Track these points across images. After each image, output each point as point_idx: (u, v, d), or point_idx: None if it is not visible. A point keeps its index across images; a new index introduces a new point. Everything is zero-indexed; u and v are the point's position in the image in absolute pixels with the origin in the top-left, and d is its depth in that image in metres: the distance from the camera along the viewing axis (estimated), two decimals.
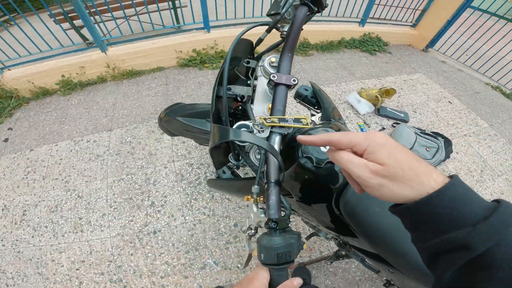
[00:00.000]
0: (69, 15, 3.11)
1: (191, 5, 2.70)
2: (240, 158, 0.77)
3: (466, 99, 2.97)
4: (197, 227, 1.65)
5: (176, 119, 1.12)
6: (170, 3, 3.33)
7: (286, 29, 0.69)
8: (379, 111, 2.51)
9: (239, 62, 0.79)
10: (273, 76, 0.59)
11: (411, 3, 3.54)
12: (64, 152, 1.99)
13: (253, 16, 3.01)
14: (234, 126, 0.64)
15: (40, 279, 1.46)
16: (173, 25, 2.98)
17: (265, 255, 0.45)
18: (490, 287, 0.26)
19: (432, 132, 2.31)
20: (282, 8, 0.63)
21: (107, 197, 1.75)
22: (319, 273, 1.53)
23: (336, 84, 2.86)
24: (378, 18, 3.72)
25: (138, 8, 2.80)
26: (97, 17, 2.91)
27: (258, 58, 0.78)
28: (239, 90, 0.73)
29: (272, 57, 0.67)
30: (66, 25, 3.15)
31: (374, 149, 0.34)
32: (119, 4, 2.69)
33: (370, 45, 3.54)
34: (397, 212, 0.34)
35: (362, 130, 2.33)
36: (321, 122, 0.93)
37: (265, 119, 0.56)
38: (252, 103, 0.74)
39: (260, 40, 0.77)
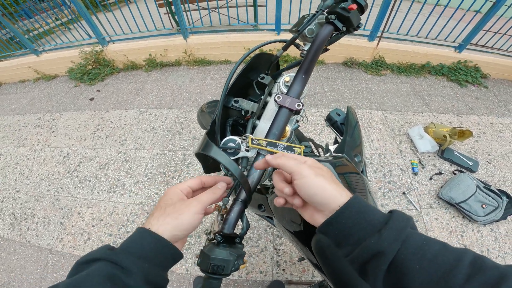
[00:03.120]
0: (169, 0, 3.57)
1: (266, 6, 2.78)
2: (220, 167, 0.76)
3: None
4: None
5: (209, 115, 1.14)
6: (251, 0, 3.47)
7: (307, 48, 0.64)
8: (443, 153, 2.17)
9: (258, 75, 0.75)
10: (278, 97, 0.58)
11: None
12: (129, 119, 2.36)
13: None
14: (222, 141, 0.62)
15: (59, 228, 1.69)
16: (247, 23, 3.10)
17: (201, 260, 0.47)
18: None
19: (498, 189, 1.90)
20: (303, 25, 0.61)
21: (146, 167, 1.98)
22: None
23: (402, 112, 2.56)
24: (483, 46, 3.11)
25: (220, 2, 3.04)
26: (186, 5, 3.27)
27: (278, 74, 0.76)
28: (246, 104, 0.71)
29: (288, 76, 0.64)
30: (163, 10, 3.64)
31: (298, 181, 0.39)
32: None
33: (463, 74, 3.00)
34: (319, 231, 0.39)
35: (413, 169, 2.06)
36: (334, 154, 0.88)
37: (252, 139, 0.56)
38: (259, 119, 0.71)
39: (276, 57, 0.74)
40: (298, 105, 0.57)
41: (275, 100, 0.58)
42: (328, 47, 0.66)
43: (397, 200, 1.89)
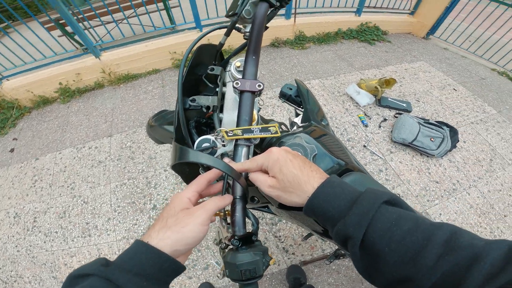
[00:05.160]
0: (60, 22, 3.10)
1: (180, 6, 2.67)
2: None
3: (472, 86, 2.87)
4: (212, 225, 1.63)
5: (161, 127, 1.07)
6: (161, 4, 3.29)
7: (248, 29, 0.63)
8: (380, 102, 2.44)
9: (206, 69, 0.72)
10: (236, 83, 0.56)
11: None
12: (67, 159, 2.02)
13: None
14: (196, 142, 0.58)
15: (55, 282, 1.51)
16: (164, 26, 2.93)
17: (230, 271, 0.45)
18: (387, 270, 0.31)
19: (436, 122, 2.24)
20: (239, 7, 0.59)
21: (111, 202, 1.77)
22: (322, 271, 1.49)
23: (335, 76, 2.79)
24: (374, 7, 3.62)
25: (127, 12, 2.78)
26: (86, 23, 2.90)
27: (226, 63, 0.73)
28: (204, 100, 0.66)
29: (238, 61, 0.63)
30: (57, 33, 3.15)
31: (271, 165, 0.41)
32: (106, 9, 2.67)
33: (368, 34, 3.45)
34: (306, 214, 0.40)
35: (363, 122, 2.27)
36: (301, 124, 0.90)
37: (226, 132, 0.53)
38: (222, 111, 0.69)
39: (221, 45, 0.70)
40: (259, 86, 0.56)
41: (234, 87, 0.56)
42: (267, 25, 0.65)
43: (362, 155, 2.04)
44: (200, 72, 0.73)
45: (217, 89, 0.72)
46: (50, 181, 1.89)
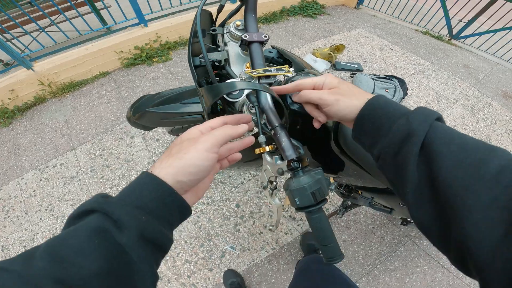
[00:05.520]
0: None
1: (117, 3, 2.47)
2: None
3: (404, 45, 3.27)
4: (202, 218, 1.59)
5: (148, 111, 1.05)
6: (99, 4, 2.99)
7: None
8: (335, 66, 2.64)
9: (204, 34, 0.77)
10: (245, 36, 0.61)
11: None
12: (34, 183, 1.76)
13: (190, 1, 2.86)
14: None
15: None
16: (103, 27, 2.67)
17: (300, 198, 0.44)
18: (443, 177, 0.28)
19: (386, 75, 2.51)
20: None
21: None
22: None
23: (290, 50, 2.87)
24: None
25: (53, 17, 2.46)
26: (6, 34, 2.49)
27: (222, 26, 0.78)
28: (215, 56, 0.71)
29: (237, 21, 0.69)
30: None
31: (329, 82, 0.44)
32: (27, 17, 2.32)
33: (310, 9, 3.65)
34: (355, 126, 0.40)
35: None
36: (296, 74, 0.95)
37: (251, 72, 0.58)
38: (230, 67, 0.74)
39: (221, 7, 0.75)
40: (265, 36, 0.62)
41: (243, 39, 0.61)
42: None
43: None
44: (198, 38, 0.76)
45: (219, 49, 0.77)
46: (24, 208, 1.64)
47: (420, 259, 1.53)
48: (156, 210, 0.30)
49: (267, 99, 0.57)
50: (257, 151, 0.53)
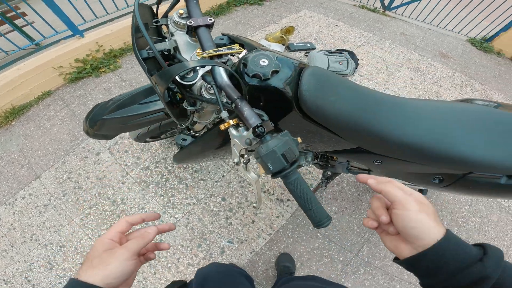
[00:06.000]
0: None
1: (42, 18, 2.23)
2: (195, 102, 0.72)
3: (347, 20, 3.45)
4: (191, 219, 1.57)
5: (106, 119, 1.00)
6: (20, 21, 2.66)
7: None
8: (289, 48, 2.71)
9: (147, 28, 0.76)
10: (190, 22, 0.61)
11: None
12: (8, 217, 1.60)
13: (127, 5, 2.68)
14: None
15: None
16: (31, 43, 2.39)
17: (272, 162, 0.44)
18: None
19: (336, 50, 2.64)
20: None
21: (88, 235, 1.52)
22: (322, 204, 1.65)
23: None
24: None
25: None
26: None
27: (165, 17, 0.78)
28: (162, 45, 0.70)
29: (180, 10, 0.69)
30: None
31: (400, 211, 0.38)
32: None
33: None
34: (407, 263, 0.39)
35: None
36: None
37: (202, 54, 0.58)
38: (180, 54, 0.73)
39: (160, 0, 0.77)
40: (210, 19, 0.63)
41: (189, 25, 0.61)
42: None
43: None
44: (141, 33, 0.72)
45: (165, 40, 0.75)
46: (8, 242, 1.51)
47: None
48: None
49: (222, 76, 0.57)
50: (222, 127, 0.53)
